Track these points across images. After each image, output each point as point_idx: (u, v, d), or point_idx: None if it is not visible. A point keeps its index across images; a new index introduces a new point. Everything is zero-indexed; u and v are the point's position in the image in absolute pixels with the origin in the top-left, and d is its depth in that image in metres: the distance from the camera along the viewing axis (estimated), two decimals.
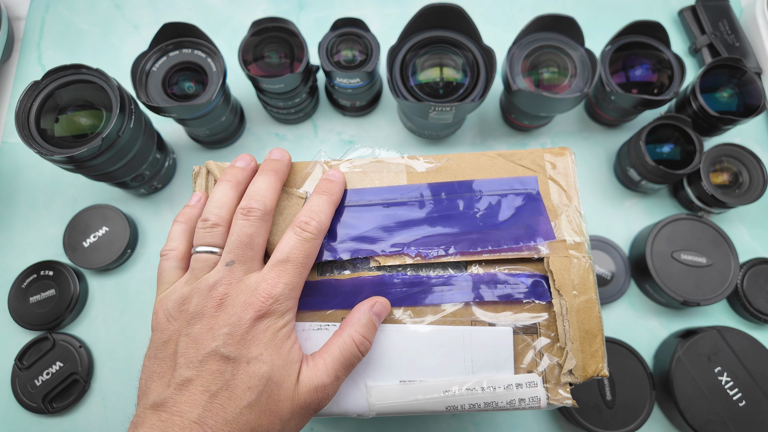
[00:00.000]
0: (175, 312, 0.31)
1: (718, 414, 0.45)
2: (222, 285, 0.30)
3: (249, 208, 0.32)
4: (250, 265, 0.31)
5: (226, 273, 0.31)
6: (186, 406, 0.28)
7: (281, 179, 0.34)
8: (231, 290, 0.30)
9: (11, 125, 0.57)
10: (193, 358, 0.29)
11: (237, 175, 0.34)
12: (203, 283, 0.31)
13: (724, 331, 0.47)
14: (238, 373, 0.28)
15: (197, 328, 0.29)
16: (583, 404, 0.46)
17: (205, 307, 0.30)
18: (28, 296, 0.50)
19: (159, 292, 0.33)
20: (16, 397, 0.47)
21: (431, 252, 0.34)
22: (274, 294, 0.30)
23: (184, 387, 0.28)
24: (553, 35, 0.49)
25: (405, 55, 0.48)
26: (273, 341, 0.29)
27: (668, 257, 0.49)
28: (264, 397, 0.28)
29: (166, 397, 0.28)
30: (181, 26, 0.47)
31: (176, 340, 0.30)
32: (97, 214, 0.52)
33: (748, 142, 0.57)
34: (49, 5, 0.62)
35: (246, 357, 0.29)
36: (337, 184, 0.34)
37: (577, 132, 0.58)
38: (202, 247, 0.32)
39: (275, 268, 0.31)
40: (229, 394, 0.28)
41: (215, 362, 0.28)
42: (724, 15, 0.60)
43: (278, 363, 0.29)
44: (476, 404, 0.32)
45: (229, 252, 0.31)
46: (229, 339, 0.29)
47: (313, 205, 0.33)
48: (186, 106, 0.45)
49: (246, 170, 0.35)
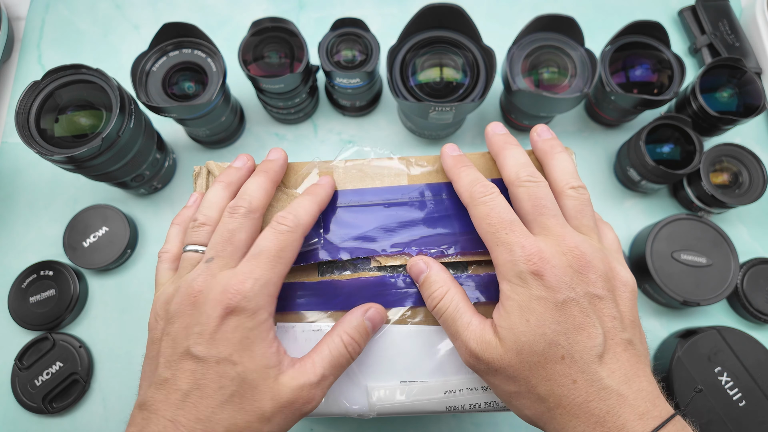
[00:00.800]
0: (162, 312, 0.31)
1: (718, 414, 0.45)
2: (198, 281, 0.30)
3: (235, 207, 0.32)
4: (228, 261, 0.30)
5: (204, 269, 0.30)
6: (162, 405, 0.28)
7: (272, 179, 0.34)
8: (205, 287, 0.30)
9: (11, 125, 0.57)
10: (170, 358, 0.29)
11: (231, 175, 0.34)
12: (185, 281, 0.31)
13: (724, 331, 0.47)
14: (208, 373, 0.28)
15: (175, 327, 0.30)
16: None
17: (183, 305, 0.30)
18: (28, 296, 0.50)
19: (155, 293, 0.33)
20: (16, 397, 0.47)
21: (432, 252, 0.34)
22: (242, 290, 0.28)
23: (161, 386, 0.28)
24: (553, 35, 0.49)
25: (405, 55, 0.48)
26: (244, 342, 0.28)
27: (668, 257, 0.49)
28: (237, 398, 0.28)
29: (148, 397, 0.29)
30: (181, 26, 0.47)
31: (160, 340, 0.30)
32: (97, 214, 0.52)
33: (748, 142, 0.57)
34: (49, 5, 0.62)
35: (215, 357, 0.28)
36: (322, 187, 0.34)
37: (577, 132, 0.58)
38: (190, 246, 0.33)
39: (247, 263, 0.30)
40: (200, 394, 0.28)
41: (188, 362, 0.28)
42: (724, 15, 0.60)
43: (250, 366, 0.28)
44: (476, 404, 0.32)
45: (211, 248, 0.31)
46: (199, 338, 0.28)
47: (295, 203, 0.33)
48: (186, 106, 0.45)
49: (241, 170, 0.35)
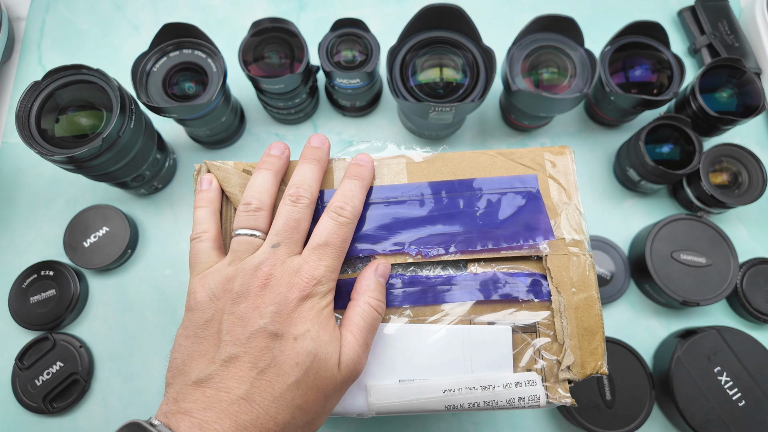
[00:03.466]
0: (219, 292, 0.31)
1: (718, 414, 0.45)
2: (266, 265, 0.31)
3: (298, 196, 0.33)
4: (294, 248, 0.32)
5: (271, 254, 0.31)
6: (233, 382, 0.28)
7: (323, 168, 0.36)
8: (275, 271, 0.31)
9: (12, 125, 0.58)
10: (240, 336, 0.29)
11: (275, 163, 0.36)
12: (248, 264, 0.31)
13: (724, 331, 0.47)
14: (286, 350, 0.29)
15: (242, 306, 0.30)
16: (583, 404, 0.46)
17: (251, 286, 0.30)
18: (29, 296, 0.50)
19: (195, 273, 0.33)
20: (17, 397, 0.47)
21: (432, 251, 0.34)
22: (316, 276, 0.31)
23: (231, 363, 0.28)
24: (552, 36, 0.49)
25: (405, 56, 0.48)
26: (318, 319, 0.30)
27: (668, 257, 0.50)
28: (311, 374, 0.29)
29: (211, 373, 0.28)
30: (182, 27, 0.47)
31: (220, 319, 0.30)
32: (98, 214, 0.52)
33: (748, 142, 0.57)
34: (49, 6, 0.62)
35: (293, 334, 0.29)
36: (366, 169, 0.35)
37: (576, 132, 0.58)
38: (244, 230, 0.33)
39: (315, 252, 0.31)
40: (276, 371, 0.28)
41: (263, 339, 0.29)
42: (723, 15, 0.60)
43: (324, 339, 0.30)
44: (476, 403, 0.32)
45: (276, 234, 0.32)
46: (277, 317, 0.29)
47: (346, 189, 0.34)
48: (186, 107, 0.46)
49: (282, 158, 0.36)
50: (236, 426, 0.26)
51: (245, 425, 0.27)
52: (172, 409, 0.27)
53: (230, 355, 0.28)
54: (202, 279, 0.32)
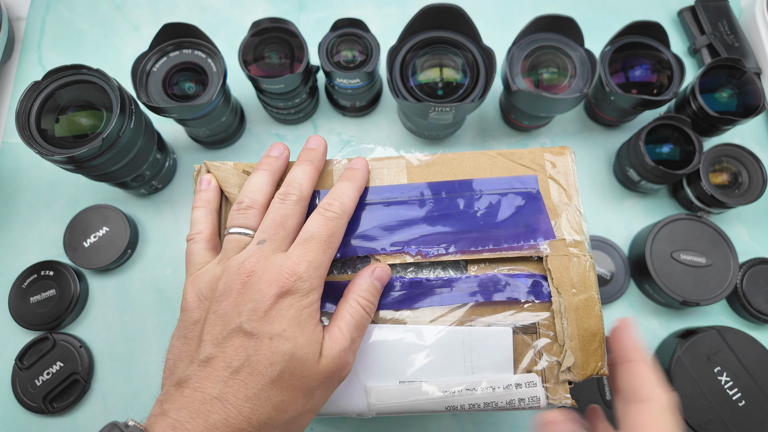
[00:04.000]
0: (207, 291, 0.31)
1: (718, 414, 0.45)
2: (249, 262, 0.31)
3: (286, 193, 0.33)
4: (280, 244, 0.32)
5: (255, 251, 0.31)
6: (208, 382, 0.28)
7: (317, 168, 0.36)
8: (258, 267, 0.30)
9: (12, 125, 0.58)
10: (218, 335, 0.29)
11: (272, 164, 0.36)
12: (233, 262, 0.31)
13: (724, 331, 0.47)
14: (261, 349, 0.28)
15: (224, 305, 0.30)
16: (583, 404, 0.46)
17: (233, 284, 0.30)
18: (29, 296, 0.50)
19: (189, 274, 0.33)
20: (17, 397, 0.47)
21: (431, 251, 0.34)
22: (297, 271, 0.30)
23: (207, 363, 0.28)
24: (552, 36, 0.49)
25: (405, 56, 0.48)
26: (297, 319, 0.29)
27: (668, 257, 0.50)
28: (287, 374, 0.28)
29: (190, 374, 0.28)
30: (182, 27, 0.47)
31: (204, 319, 0.30)
32: (98, 214, 0.52)
33: (748, 142, 0.57)
34: (49, 6, 0.62)
35: (269, 333, 0.29)
36: (360, 171, 0.36)
37: (576, 132, 0.58)
38: (235, 228, 0.33)
39: (299, 247, 0.31)
40: (250, 370, 0.28)
41: (238, 338, 0.28)
42: (723, 15, 0.60)
43: (301, 341, 0.29)
44: (476, 404, 0.32)
45: (263, 231, 0.32)
46: (253, 315, 0.29)
47: (337, 188, 0.34)
48: (186, 107, 0.46)
49: (280, 159, 0.36)
50: (206, 425, 0.26)
51: (215, 424, 0.27)
52: (156, 411, 0.28)
53: (207, 356, 0.28)
54: (193, 280, 0.32)
